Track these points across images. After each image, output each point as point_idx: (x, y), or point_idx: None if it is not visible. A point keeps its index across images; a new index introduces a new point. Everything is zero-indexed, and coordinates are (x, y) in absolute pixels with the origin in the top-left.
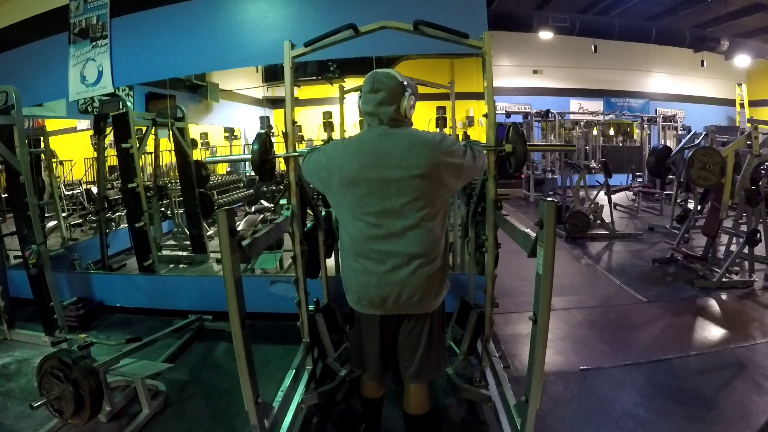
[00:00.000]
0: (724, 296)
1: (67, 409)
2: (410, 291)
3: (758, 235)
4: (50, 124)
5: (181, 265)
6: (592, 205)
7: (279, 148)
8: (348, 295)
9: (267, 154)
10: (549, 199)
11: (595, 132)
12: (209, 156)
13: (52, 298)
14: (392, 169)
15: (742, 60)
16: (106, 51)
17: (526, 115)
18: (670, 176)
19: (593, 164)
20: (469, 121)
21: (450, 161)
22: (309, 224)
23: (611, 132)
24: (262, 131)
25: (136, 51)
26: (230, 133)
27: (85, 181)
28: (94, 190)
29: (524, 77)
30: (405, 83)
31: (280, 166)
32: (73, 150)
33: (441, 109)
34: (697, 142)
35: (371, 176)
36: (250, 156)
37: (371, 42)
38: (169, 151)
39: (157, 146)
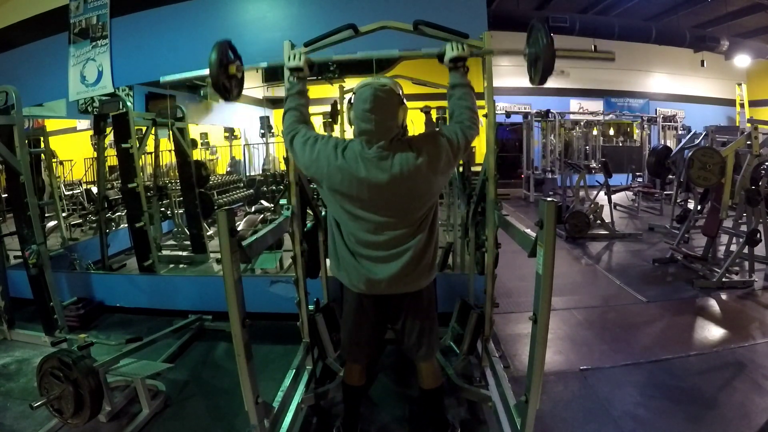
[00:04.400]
0: (724, 296)
1: (67, 409)
2: (399, 273)
3: (758, 235)
4: (50, 124)
5: (181, 265)
6: (592, 205)
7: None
8: (342, 279)
9: (228, 64)
10: (549, 199)
11: (595, 132)
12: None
13: (52, 298)
14: (387, 196)
15: (742, 60)
16: (106, 51)
17: (526, 115)
18: (670, 176)
19: (593, 164)
20: None
21: (448, 161)
22: (309, 224)
23: (611, 132)
24: (223, 39)
25: (136, 51)
26: (230, 133)
27: (85, 181)
28: (94, 190)
29: (524, 77)
30: (400, 93)
31: (280, 165)
32: (73, 150)
33: (441, 109)
34: (697, 142)
35: (364, 196)
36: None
37: (371, 42)
38: (169, 151)
39: (157, 146)
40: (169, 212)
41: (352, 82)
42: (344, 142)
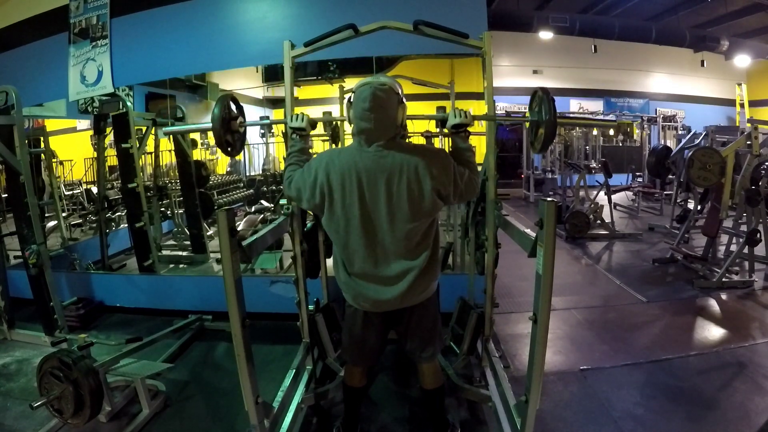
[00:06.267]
0: (724, 296)
1: (67, 409)
2: (405, 292)
3: (758, 235)
4: (50, 124)
5: (181, 265)
6: (592, 205)
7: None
8: (347, 298)
9: (231, 120)
10: (549, 199)
11: (595, 132)
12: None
13: (52, 298)
14: (385, 194)
15: (742, 60)
16: (106, 51)
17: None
18: (670, 176)
19: (593, 164)
20: None
21: (444, 183)
22: (309, 224)
23: (611, 132)
24: (226, 93)
25: (136, 51)
26: None
27: (85, 181)
28: (94, 190)
29: (524, 77)
30: (399, 93)
31: (280, 165)
32: (73, 150)
33: (441, 109)
34: (697, 142)
35: (365, 199)
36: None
37: (371, 42)
38: (169, 151)
39: (157, 146)
40: (169, 212)
41: (352, 82)
42: (340, 148)
